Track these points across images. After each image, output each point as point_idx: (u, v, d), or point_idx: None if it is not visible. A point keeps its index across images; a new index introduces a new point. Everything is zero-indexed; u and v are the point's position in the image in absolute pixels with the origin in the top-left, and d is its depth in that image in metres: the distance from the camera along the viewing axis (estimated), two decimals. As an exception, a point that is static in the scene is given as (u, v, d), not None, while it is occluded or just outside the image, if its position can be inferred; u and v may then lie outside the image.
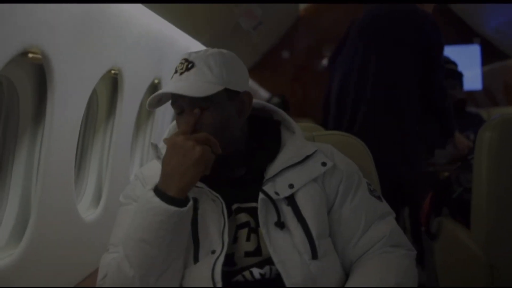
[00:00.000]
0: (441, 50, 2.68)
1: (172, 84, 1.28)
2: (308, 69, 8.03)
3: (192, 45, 3.51)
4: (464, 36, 7.03)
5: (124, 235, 1.22)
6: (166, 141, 1.23)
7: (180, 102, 1.28)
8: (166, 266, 1.18)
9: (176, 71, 1.30)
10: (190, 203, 1.18)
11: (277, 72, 7.63)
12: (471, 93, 6.57)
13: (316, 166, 1.34)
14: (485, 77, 6.83)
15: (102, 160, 2.70)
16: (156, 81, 3.05)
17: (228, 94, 1.30)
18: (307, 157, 1.34)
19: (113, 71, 2.36)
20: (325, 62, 8.07)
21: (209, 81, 1.26)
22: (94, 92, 2.47)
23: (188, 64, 1.28)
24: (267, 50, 7.50)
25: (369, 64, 2.67)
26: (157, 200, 1.15)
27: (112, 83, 2.65)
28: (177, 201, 1.16)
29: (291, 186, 1.30)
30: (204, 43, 3.63)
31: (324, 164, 1.34)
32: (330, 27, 7.74)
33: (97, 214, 2.53)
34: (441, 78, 2.65)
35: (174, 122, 1.47)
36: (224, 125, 1.29)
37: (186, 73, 1.27)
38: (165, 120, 3.60)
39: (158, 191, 1.17)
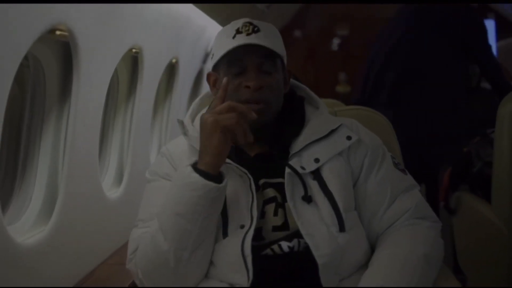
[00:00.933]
0: (482, 32, 2.73)
1: (242, 40, 1.27)
2: (320, 49, 7.97)
3: (209, 25, 3.51)
4: (479, 11, 6.93)
5: (160, 210, 1.24)
6: (200, 117, 1.24)
7: (246, 61, 1.28)
8: (200, 241, 1.20)
9: (239, 32, 1.28)
10: (226, 180, 1.18)
11: (288, 52, 7.58)
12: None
13: (341, 140, 1.34)
14: (499, 52, 6.74)
15: (123, 139, 2.73)
16: (174, 60, 3.06)
17: (282, 65, 1.35)
18: (332, 132, 1.34)
19: (134, 50, 2.38)
20: (336, 41, 8.01)
21: (275, 46, 1.30)
22: (115, 71, 2.49)
23: (254, 27, 1.29)
24: (279, 30, 7.40)
25: (400, 45, 2.72)
26: (196, 175, 1.16)
27: (132, 62, 2.67)
28: (213, 177, 1.17)
29: (316, 160, 1.30)
30: (220, 23, 3.63)
31: (349, 138, 1.34)
32: (342, 6, 7.67)
33: (120, 193, 2.57)
34: (489, 56, 2.77)
35: (198, 99, 1.48)
36: (279, 93, 1.33)
37: (254, 35, 1.27)
38: (182, 100, 3.61)
39: (195, 167, 1.18)
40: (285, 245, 1.25)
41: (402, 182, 1.36)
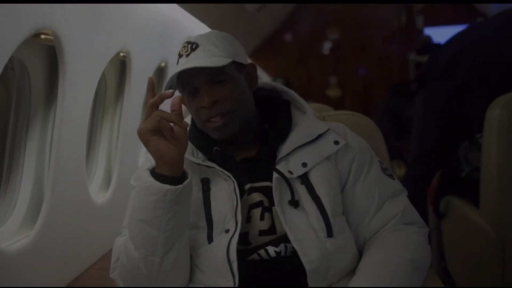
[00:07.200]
0: None
1: (182, 66, 1.26)
2: (311, 52, 8.00)
3: (198, 28, 3.50)
4: (468, 15, 7.00)
5: (128, 217, 1.23)
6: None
7: (194, 83, 1.27)
8: (170, 245, 1.18)
9: (180, 56, 1.28)
10: (187, 181, 1.16)
11: (280, 55, 7.61)
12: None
13: (328, 145, 1.34)
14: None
15: (111, 143, 2.72)
16: (163, 64, 3.05)
17: (236, 67, 1.31)
18: (320, 136, 1.34)
19: (121, 54, 2.36)
20: (327, 45, 8.04)
21: (218, 55, 1.27)
22: (103, 75, 2.48)
23: (192, 45, 1.28)
24: (270, 33, 7.46)
25: None
26: (151, 179, 1.15)
27: (120, 66, 2.66)
28: (172, 179, 1.15)
29: (304, 164, 1.29)
30: (209, 26, 3.62)
31: (336, 142, 1.34)
32: (333, 9, 7.71)
33: (107, 197, 2.55)
34: None
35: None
36: (241, 98, 1.30)
37: (192, 53, 1.26)
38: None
39: (153, 171, 1.17)
40: (271, 250, 1.24)
41: (389, 187, 1.36)
